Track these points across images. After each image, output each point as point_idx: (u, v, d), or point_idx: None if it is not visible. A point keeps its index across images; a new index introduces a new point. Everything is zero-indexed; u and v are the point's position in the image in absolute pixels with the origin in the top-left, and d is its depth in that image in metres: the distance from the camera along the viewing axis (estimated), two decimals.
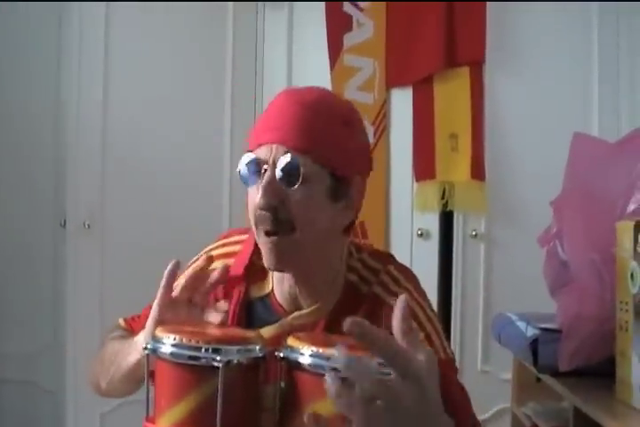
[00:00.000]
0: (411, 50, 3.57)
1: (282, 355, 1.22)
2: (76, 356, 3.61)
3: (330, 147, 1.41)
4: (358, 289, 1.52)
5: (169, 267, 1.40)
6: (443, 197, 3.54)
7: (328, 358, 1.17)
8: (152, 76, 3.73)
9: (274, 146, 1.40)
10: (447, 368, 1.42)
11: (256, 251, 1.52)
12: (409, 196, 3.60)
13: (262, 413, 1.27)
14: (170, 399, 1.22)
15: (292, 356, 1.21)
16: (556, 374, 2.18)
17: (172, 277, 1.39)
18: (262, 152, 1.41)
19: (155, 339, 1.24)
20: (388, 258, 1.61)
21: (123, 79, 3.69)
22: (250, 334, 1.31)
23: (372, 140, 3.59)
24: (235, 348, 1.21)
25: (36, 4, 3.65)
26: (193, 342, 1.20)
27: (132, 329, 1.67)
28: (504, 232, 3.57)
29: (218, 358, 1.18)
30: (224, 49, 3.81)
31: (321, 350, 1.18)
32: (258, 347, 1.24)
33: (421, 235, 3.56)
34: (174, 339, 1.21)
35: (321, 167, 1.41)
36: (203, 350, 1.19)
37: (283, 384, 1.24)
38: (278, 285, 1.53)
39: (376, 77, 3.62)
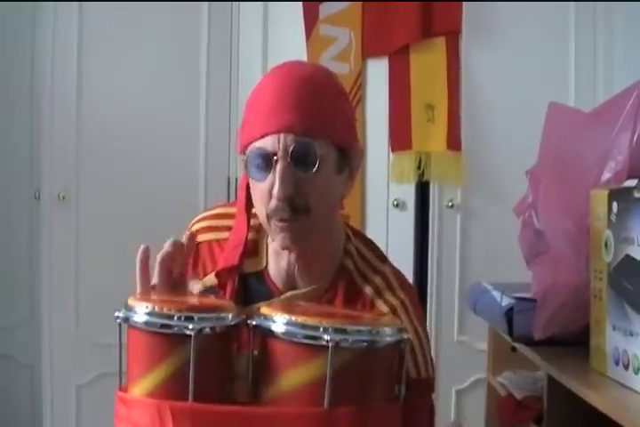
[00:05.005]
0: (387, 20, 3.54)
1: (254, 323, 1.22)
2: (52, 329, 3.61)
3: (334, 122, 1.40)
4: (352, 278, 1.51)
5: (138, 255, 1.37)
6: (419, 168, 3.53)
7: (302, 326, 1.17)
8: (128, 52, 3.68)
9: (281, 135, 1.36)
10: (424, 388, 1.46)
11: (250, 228, 1.51)
12: (385, 166, 3.58)
13: (235, 381, 1.27)
14: (142, 369, 1.22)
15: (265, 324, 1.21)
16: (530, 343, 2.18)
17: (145, 263, 1.37)
18: (269, 143, 1.37)
19: (127, 308, 1.23)
20: (384, 257, 1.58)
21: (97, 56, 3.64)
22: (223, 302, 1.30)
23: None
24: (207, 316, 1.20)
25: None
26: (165, 311, 1.19)
27: None
28: (480, 203, 3.56)
29: (190, 326, 1.17)
30: (199, 20, 3.77)
31: (294, 318, 1.18)
32: (230, 315, 1.24)
33: (397, 205, 3.55)
34: (146, 307, 1.20)
35: (330, 144, 1.39)
36: (175, 318, 1.18)
37: (256, 353, 1.24)
38: (274, 262, 1.51)
39: (352, 48, 3.59)
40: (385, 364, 1.24)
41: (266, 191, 1.38)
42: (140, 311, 1.20)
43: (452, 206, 3.55)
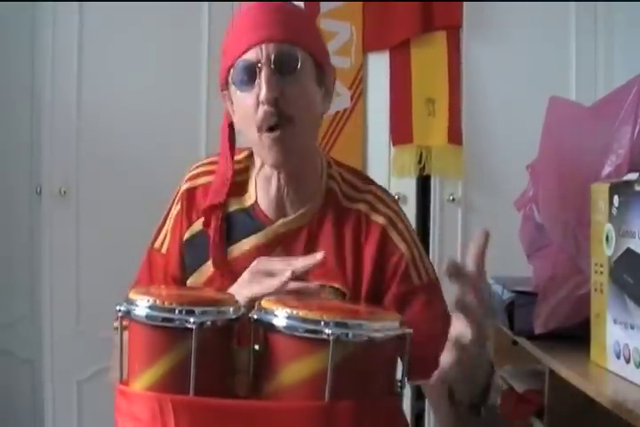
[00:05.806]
0: (387, 14, 3.55)
1: (256, 317, 1.22)
2: (53, 325, 3.60)
3: (310, 35, 1.51)
4: (338, 201, 1.56)
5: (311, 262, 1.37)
6: (419, 162, 3.55)
7: (303, 320, 1.17)
8: (128, 52, 3.67)
9: (263, 45, 1.43)
10: (432, 291, 1.53)
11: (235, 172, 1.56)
12: (386, 160, 3.59)
13: (236, 375, 1.26)
14: (143, 362, 1.22)
15: (266, 318, 1.20)
16: (531, 337, 2.18)
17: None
18: (252, 54, 1.44)
19: (128, 301, 1.23)
20: (368, 178, 1.67)
21: (97, 56, 3.63)
22: (224, 296, 1.30)
23: (348, 104, 3.59)
24: (208, 309, 1.20)
25: None
26: (166, 304, 1.19)
27: None
28: (481, 197, 3.57)
29: (191, 319, 1.17)
30: (199, 20, 3.76)
31: (295, 312, 1.18)
32: (232, 309, 1.24)
33: (398, 199, 3.54)
34: (148, 301, 1.20)
35: (308, 55, 1.47)
36: (176, 311, 1.18)
37: (257, 347, 1.24)
38: (264, 193, 1.56)
39: (353, 42, 3.59)
40: (386, 358, 1.24)
41: (253, 103, 1.44)
42: (142, 305, 1.20)
43: (452, 200, 3.56)
